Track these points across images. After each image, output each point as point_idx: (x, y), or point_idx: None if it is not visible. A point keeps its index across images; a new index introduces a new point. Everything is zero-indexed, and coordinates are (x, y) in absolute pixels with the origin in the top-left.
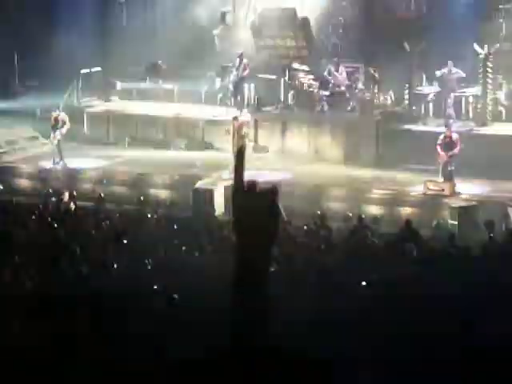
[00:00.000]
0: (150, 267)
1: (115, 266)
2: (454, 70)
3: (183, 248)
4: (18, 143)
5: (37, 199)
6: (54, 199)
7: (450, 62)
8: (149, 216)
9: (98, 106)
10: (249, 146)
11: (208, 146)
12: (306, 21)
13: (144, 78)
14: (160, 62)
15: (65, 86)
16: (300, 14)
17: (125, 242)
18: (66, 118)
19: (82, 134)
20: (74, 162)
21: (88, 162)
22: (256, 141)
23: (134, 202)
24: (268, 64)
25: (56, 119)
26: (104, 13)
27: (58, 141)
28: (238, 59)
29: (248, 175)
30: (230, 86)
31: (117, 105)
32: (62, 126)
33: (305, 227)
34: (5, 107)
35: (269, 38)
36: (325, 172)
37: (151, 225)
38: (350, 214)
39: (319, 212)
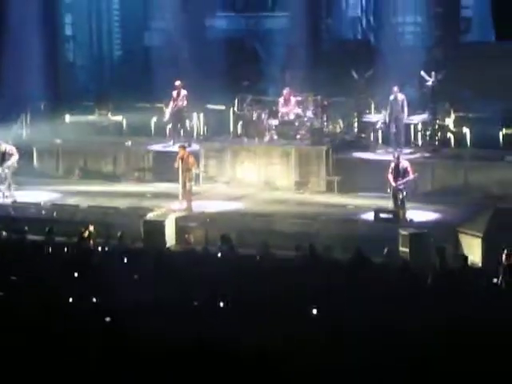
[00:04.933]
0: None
1: None
2: (400, 95)
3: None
4: None
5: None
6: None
7: (395, 88)
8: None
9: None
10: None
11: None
12: None
13: (93, 110)
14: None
15: (12, 119)
16: None
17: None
18: (14, 150)
19: (31, 168)
20: (23, 196)
21: (38, 195)
22: (206, 171)
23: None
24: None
25: (3, 152)
26: (52, 49)
27: (6, 173)
28: (175, 91)
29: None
30: (168, 118)
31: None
32: (9, 158)
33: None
34: None
35: None
36: (275, 201)
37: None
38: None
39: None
